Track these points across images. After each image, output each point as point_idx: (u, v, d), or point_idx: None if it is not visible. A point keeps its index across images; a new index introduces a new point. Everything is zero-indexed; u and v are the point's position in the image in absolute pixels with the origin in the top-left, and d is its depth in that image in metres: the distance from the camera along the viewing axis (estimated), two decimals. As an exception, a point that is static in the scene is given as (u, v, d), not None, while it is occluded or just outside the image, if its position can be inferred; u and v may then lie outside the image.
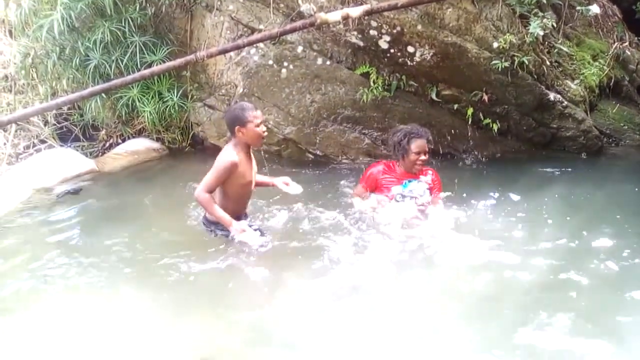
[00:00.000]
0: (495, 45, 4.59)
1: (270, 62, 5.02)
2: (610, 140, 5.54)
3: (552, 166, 5.00)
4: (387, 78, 4.91)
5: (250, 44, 4.30)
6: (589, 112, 5.35)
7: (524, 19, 4.72)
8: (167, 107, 5.25)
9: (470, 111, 4.95)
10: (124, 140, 5.78)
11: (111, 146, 5.81)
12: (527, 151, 5.35)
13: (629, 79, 5.67)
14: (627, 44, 5.58)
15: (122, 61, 5.06)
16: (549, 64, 5.02)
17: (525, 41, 4.66)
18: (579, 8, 5.15)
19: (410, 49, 4.66)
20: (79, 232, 3.73)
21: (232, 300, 2.95)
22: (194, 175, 3.28)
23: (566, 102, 5.11)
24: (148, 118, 5.27)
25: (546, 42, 5.10)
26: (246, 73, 5.14)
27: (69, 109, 5.89)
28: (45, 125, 5.80)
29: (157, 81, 5.28)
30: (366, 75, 4.91)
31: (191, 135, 5.74)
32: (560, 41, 5.21)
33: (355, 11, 3.30)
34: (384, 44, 4.69)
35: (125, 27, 5.01)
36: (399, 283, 3.06)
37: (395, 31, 4.59)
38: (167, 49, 5.19)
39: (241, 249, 3.24)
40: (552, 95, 5.01)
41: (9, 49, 6.07)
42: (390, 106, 5.02)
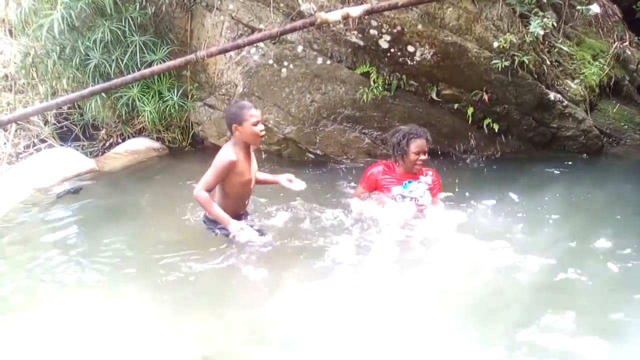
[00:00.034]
0: (496, 44, 4.59)
1: (271, 61, 5.02)
2: (611, 139, 5.54)
3: (552, 166, 5.00)
4: (388, 77, 4.91)
5: (251, 43, 4.30)
6: (589, 112, 5.35)
7: (524, 18, 4.71)
8: (167, 106, 5.25)
9: (471, 111, 4.96)
10: (124, 140, 5.78)
11: (111, 146, 5.81)
12: (527, 151, 5.35)
13: (629, 78, 5.67)
14: (627, 43, 5.58)
15: (122, 60, 5.06)
16: (549, 63, 5.02)
17: (526, 41, 4.66)
18: (579, 7, 5.15)
19: (410, 48, 4.66)
20: (79, 232, 3.73)
21: (232, 300, 2.95)
22: (194, 175, 3.28)
23: (566, 102, 5.11)
24: (148, 117, 5.27)
25: (546, 42, 5.09)
26: (246, 72, 5.14)
27: (69, 108, 5.89)
28: (45, 124, 5.80)
29: (157, 80, 5.28)
30: (366, 74, 4.91)
31: (191, 134, 5.74)
32: (560, 41, 5.21)
33: (356, 11, 3.30)
34: (384, 43, 4.69)
35: (125, 27, 5.01)
36: (399, 283, 3.06)
37: (395, 31, 4.59)
38: (167, 48, 5.19)
39: (241, 248, 3.24)
40: (552, 95, 5.01)
41: (9, 48, 6.07)
42: (391, 106, 5.02)
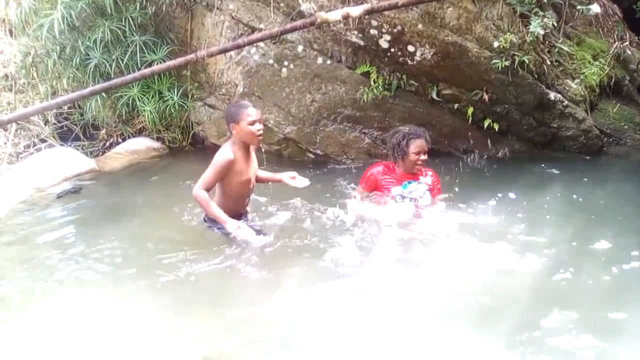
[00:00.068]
0: (496, 44, 4.59)
1: (271, 61, 5.02)
2: (611, 139, 5.54)
3: (553, 166, 5.00)
4: (388, 77, 4.91)
5: (251, 43, 4.29)
6: (589, 112, 5.35)
7: (525, 18, 4.72)
8: (167, 106, 5.25)
9: (471, 111, 4.96)
10: (124, 140, 5.78)
11: (111, 145, 5.81)
12: (527, 151, 5.35)
13: (630, 78, 5.67)
14: (627, 43, 5.59)
15: (123, 60, 5.06)
16: (549, 63, 5.02)
17: (526, 40, 4.66)
18: (579, 7, 5.15)
19: (410, 48, 4.66)
20: (79, 231, 3.73)
21: (232, 300, 2.95)
22: (194, 175, 3.28)
23: (566, 102, 5.11)
24: (148, 117, 5.27)
25: (547, 42, 5.10)
26: (246, 72, 5.14)
27: (69, 108, 5.89)
28: (45, 124, 5.80)
29: (158, 80, 5.28)
30: (366, 74, 4.91)
31: (191, 134, 5.74)
32: (560, 40, 5.21)
33: (356, 10, 3.29)
34: (384, 43, 4.69)
35: (125, 26, 5.02)
36: (400, 283, 3.06)
37: (395, 30, 4.59)
38: (168, 48, 5.19)
39: (241, 248, 3.24)
40: (552, 95, 5.01)
41: (10, 48, 6.07)
42: (391, 105, 5.02)
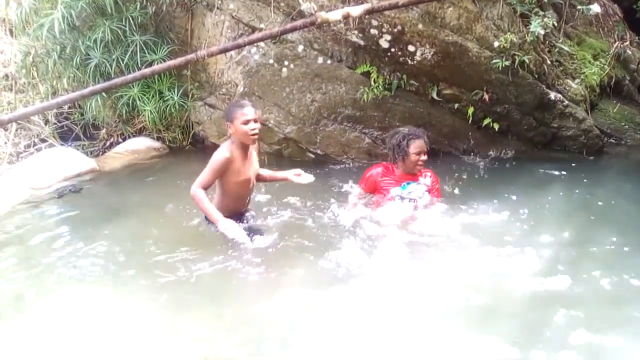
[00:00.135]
0: (496, 44, 4.59)
1: (271, 61, 5.02)
2: (611, 139, 5.54)
3: (553, 166, 4.99)
4: (388, 77, 4.90)
5: (251, 42, 4.29)
6: (589, 112, 5.35)
7: (525, 18, 4.72)
8: (167, 106, 5.25)
9: (471, 110, 4.95)
10: (124, 139, 5.78)
11: (112, 145, 5.81)
12: (527, 151, 5.34)
13: (630, 78, 5.68)
14: (627, 43, 5.59)
15: (123, 60, 5.06)
16: (549, 63, 5.02)
17: (526, 40, 4.66)
18: (579, 7, 5.15)
19: (411, 48, 4.66)
20: (79, 231, 3.72)
21: (232, 300, 2.95)
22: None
23: (567, 102, 5.11)
24: (148, 117, 5.27)
25: (547, 41, 5.09)
26: (247, 72, 5.14)
27: (69, 108, 5.89)
28: (45, 124, 5.80)
29: (158, 80, 5.28)
30: (367, 74, 4.90)
31: (192, 134, 5.74)
32: (561, 40, 5.21)
33: (356, 10, 3.30)
34: (384, 43, 4.69)
35: (125, 26, 5.01)
36: (399, 284, 3.06)
37: (396, 30, 4.59)
38: (168, 48, 5.19)
39: (242, 248, 3.24)
40: (552, 95, 5.01)
41: (10, 48, 6.07)
42: (391, 105, 5.02)
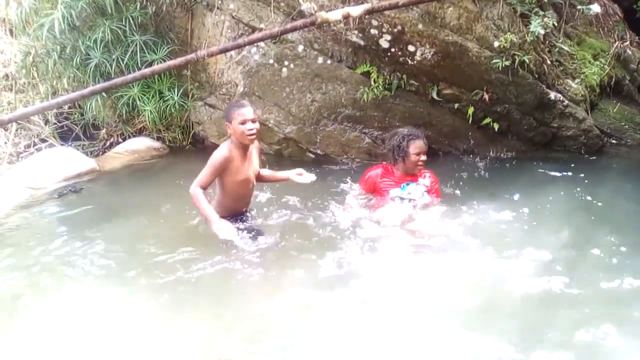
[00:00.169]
0: (496, 44, 4.59)
1: (271, 61, 5.02)
2: (611, 139, 5.54)
3: (553, 166, 4.99)
4: (388, 77, 4.90)
5: (251, 42, 4.30)
6: (589, 112, 5.35)
7: (525, 18, 4.71)
8: (167, 106, 5.25)
9: (471, 110, 4.95)
10: (124, 139, 5.78)
11: (112, 145, 5.81)
12: (527, 151, 5.34)
13: (630, 78, 5.68)
14: (627, 43, 5.59)
15: (123, 60, 5.06)
16: (549, 63, 5.02)
17: (526, 40, 4.66)
18: (579, 7, 5.15)
19: (411, 48, 4.66)
20: (79, 231, 3.72)
21: (232, 300, 2.95)
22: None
23: (567, 102, 5.11)
24: (149, 117, 5.27)
25: (547, 41, 5.09)
26: (247, 72, 5.14)
27: (69, 108, 5.89)
28: (45, 124, 5.80)
29: (158, 80, 5.28)
30: (367, 74, 4.90)
31: (192, 134, 5.74)
32: (561, 40, 5.21)
33: (356, 10, 3.30)
34: (384, 43, 4.69)
35: (125, 26, 5.01)
36: (400, 284, 3.06)
37: (396, 30, 4.59)
38: (168, 47, 5.19)
39: (241, 248, 3.24)
40: (552, 95, 5.00)
41: (10, 48, 6.07)
42: (391, 105, 5.02)
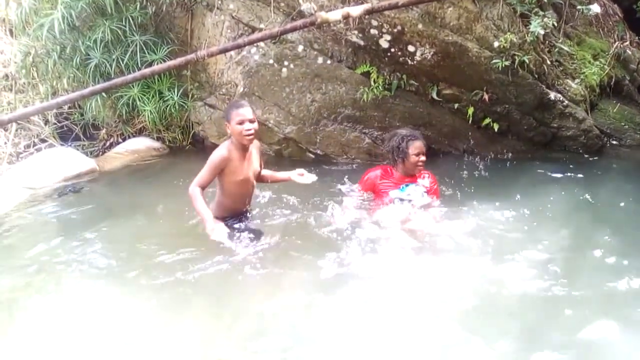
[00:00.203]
0: (496, 44, 4.59)
1: (271, 61, 5.03)
2: (611, 139, 5.54)
3: (553, 166, 4.99)
4: (388, 77, 4.91)
5: (251, 43, 4.29)
6: (589, 112, 5.35)
7: (525, 18, 4.72)
8: (167, 106, 5.26)
9: (471, 110, 4.96)
10: (124, 140, 5.79)
11: (112, 145, 5.82)
12: (527, 151, 5.35)
13: (630, 78, 5.68)
14: (627, 43, 5.59)
15: (123, 60, 5.07)
16: (549, 63, 5.02)
17: (526, 40, 4.66)
18: (579, 7, 5.15)
19: (410, 48, 4.66)
20: (79, 231, 3.72)
21: (232, 300, 2.94)
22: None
23: (567, 102, 5.11)
24: (148, 117, 5.28)
25: (547, 42, 5.10)
26: (247, 72, 5.14)
27: (69, 108, 5.90)
28: (45, 124, 5.81)
29: (158, 80, 5.28)
30: (367, 74, 4.91)
31: (192, 134, 5.75)
32: (560, 40, 5.21)
33: (356, 10, 3.30)
34: (384, 43, 4.69)
35: (125, 26, 5.02)
36: (399, 284, 3.06)
37: (395, 30, 4.59)
38: (168, 48, 5.20)
39: (241, 248, 3.24)
40: (552, 95, 5.01)
41: (10, 48, 6.08)
42: (391, 105, 5.02)
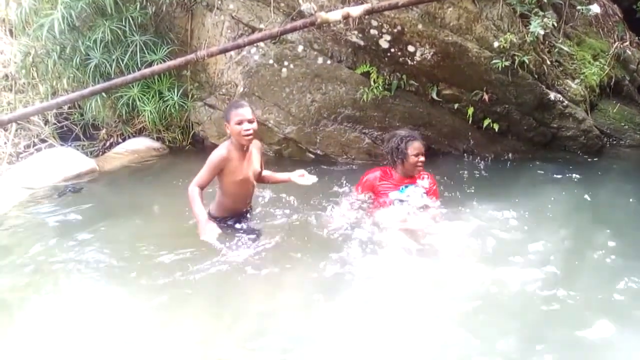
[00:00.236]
0: (496, 44, 4.59)
1: (271, 61, 5.03)
2: (611, 140, 5.54)
3: (553, 166, 4.99)
4: (388, 77, 4.91)
5: (251, 43, 4.29)
6: (589, 112, 5.35)
7: (525, 18, 4.72)
8: (167, 106, 5.26)
9: (471, 111, 4.96)
10: (124, 140, 5.79)
11: (111, 145, 5.82)
12: (527, 151, 5.35)
13: (630, 78, 5.68)
14: (627, 43, 5.59)
15: (123, 60, 5.07)
16: (549, 63, 5.02)
17: (526, 40, 4.66)
18: (579, 7, 5.15)
19: (410, 48, 4.66)
20: (79, 231, 3.72)
21: (232, 300, 2.95)
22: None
23: (567, 102, 5.11)
24: (148, 117, 5.27)
25: (547, 42, 5.10)
26: (246, 72, 5.14)
27: (69, 108, 5.89)
28: (45, 124, 5.80)
29: (158, 80, 5.28)
30: (367, 74, 4.91)
31: (192, 134, 5.75)
32: (560, 40, 5.21)
33: (356, 10, 3.30)
34: (384, 43, 4.69)
35: (125, 26, 5.02)
36: (399, 284, 3.06)
37: (395, 30, 4.59)
38: (168, 48, 5.19)
39: (242, 248, 3.25)
40: (552, 95, 5.01)
41: (10, 48, 6.07)
42: (391, 105, 5.02)
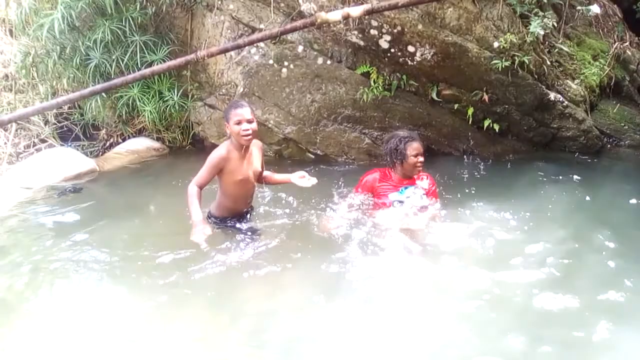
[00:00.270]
0: (496, 44, 4.60)
1: (271, 61, 5.03)
2: (611, 140, 5.55)
3: (553, 166, 4.99)
4: (388, 78, 4.91)
5: (251, 43, 4.30)
6: (589, 112, 5.36)
7: (525, 18, 4.72)
8: (167, 106, 5.26)
9: (471, 111, 4.96)
10: (124, 140, 5.79)
11: (111, 145, 5.82)
12: (527, 151, 5.35)
13: (630, 78, 5.68)
14: (627, 43, 5.60)
15: (123, 60, 5.07)
16: (549, 63, 5.02)
17: (526, 41, 4.66)
18: (579, 8, 5.16)
19: (410, 48, 4.66)
20: (79, 231, 3.72)
21: (232, 300, 2.95)
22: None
23: (566, 102, 5.11)
24: (148, 117, 5.27)
25: (547, 42, 5.10)
26: (246, 72, 5.14)
27: (69, 108, 5.89)
28: (45, 124, 5.80)
29: (158, 80, 5.28)
30: (367, 74, 4.91)
31: (191, 134, 5.75)
32: (560, 41, 5.22)
33: (356, 11, 3.29)
34: (384, 43, 4.69)
35: (125, 27, 5.02)
36: (399, 285, 3.06)
37: (395, 31, 4.59)
38: (168, 48, 5.19)
39: (242, 248, 3.25)
40: (552, 95, 5.01)
41: (10, 48, 6.07)
42: (391, 106, 5.02)
